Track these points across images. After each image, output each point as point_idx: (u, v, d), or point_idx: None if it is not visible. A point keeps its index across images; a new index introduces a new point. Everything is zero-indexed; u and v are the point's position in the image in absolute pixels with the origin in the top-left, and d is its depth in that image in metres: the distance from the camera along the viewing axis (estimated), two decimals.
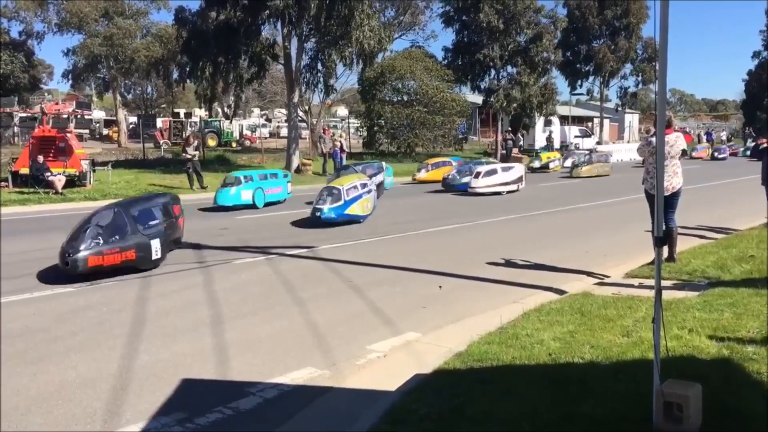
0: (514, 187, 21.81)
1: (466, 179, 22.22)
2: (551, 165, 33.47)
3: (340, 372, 5.79)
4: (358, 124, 46.43)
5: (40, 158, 20.06)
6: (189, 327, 7.17)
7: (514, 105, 39.81)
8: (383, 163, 23.01)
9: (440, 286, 8.78)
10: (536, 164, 33.16)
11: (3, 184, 21.01)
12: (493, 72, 40.85)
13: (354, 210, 14.67)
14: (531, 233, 13.72)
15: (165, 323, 7.30)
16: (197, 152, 23.27)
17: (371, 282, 9.15)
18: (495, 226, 14.72)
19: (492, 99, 39.86)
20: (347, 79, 48.35)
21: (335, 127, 48.67)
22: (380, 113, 39.25)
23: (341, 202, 14.39)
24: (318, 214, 14.20)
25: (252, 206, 17.73)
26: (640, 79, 53.23)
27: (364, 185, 15.54)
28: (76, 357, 6.24)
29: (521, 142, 40.39)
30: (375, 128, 40.37)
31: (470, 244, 12.39)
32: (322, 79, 30.79)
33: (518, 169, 22.29)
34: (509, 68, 40.76)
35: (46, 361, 6.14)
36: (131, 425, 4.78)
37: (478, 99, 46.39)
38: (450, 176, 23.41)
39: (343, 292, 8.66)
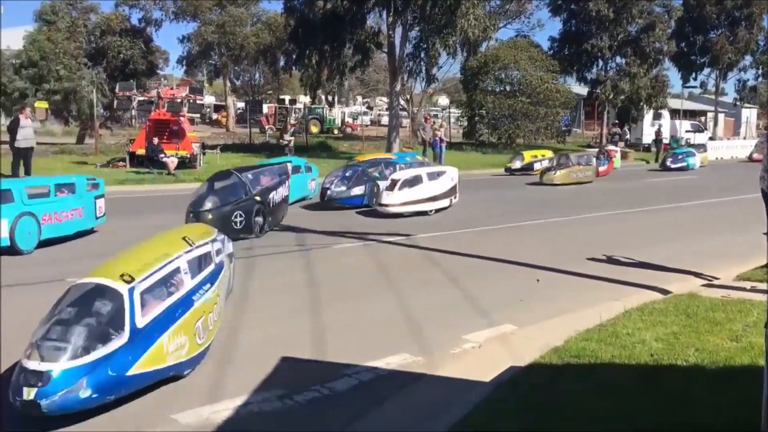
0: (445, 202, 15.19)
1: (357, 191, 15.39)
2: (536, 166, 25.21)
3: (434, 359, 5.83)
4: (459, 114, 46.17)
5: (155, 140, 21.09)
6: (289, 308, 7.41)
7: (622, 97, 38.57)
8: (290, 164, 15.64)
9: (538, 280, 8.67)
10: (517, 164, 25.72)
11: (121, 163, 22.30)
12: (600, 63, 39.73)
13: (161, 357, 4.89)
14: (631, 231, 13.28)
15: (265, 303, 7.56)
16: (293, 138, 24.09)
17: (468, 272, 9.13)
18: (593, 222, 14.32)
19: (598, 90, 38.83)
20: (449, 69, 48.00)
21: (436, 116, 48.55)
22: (482, 103, 38.85)
23: (122, 340, 4.55)
24: (30, 396, 4.18)
25: (10, 250, 9.53)
26: (760, 72, 50.32)
27: (204, 260, 6.19)
28: None
29: (628, 136, 38.93)
30: (476, 118, 40.00)
31: (570, 239, 12.13)
32: (424, 68, 30.81)
33: (450, 175, 15.58)
34: (618, 59, 39.53)
35: None
36: (234, 398, 4.99)
37: (583, 90, 45.23)
38: (328, 184, 15.56)
39: (440, 280, 8.69)
